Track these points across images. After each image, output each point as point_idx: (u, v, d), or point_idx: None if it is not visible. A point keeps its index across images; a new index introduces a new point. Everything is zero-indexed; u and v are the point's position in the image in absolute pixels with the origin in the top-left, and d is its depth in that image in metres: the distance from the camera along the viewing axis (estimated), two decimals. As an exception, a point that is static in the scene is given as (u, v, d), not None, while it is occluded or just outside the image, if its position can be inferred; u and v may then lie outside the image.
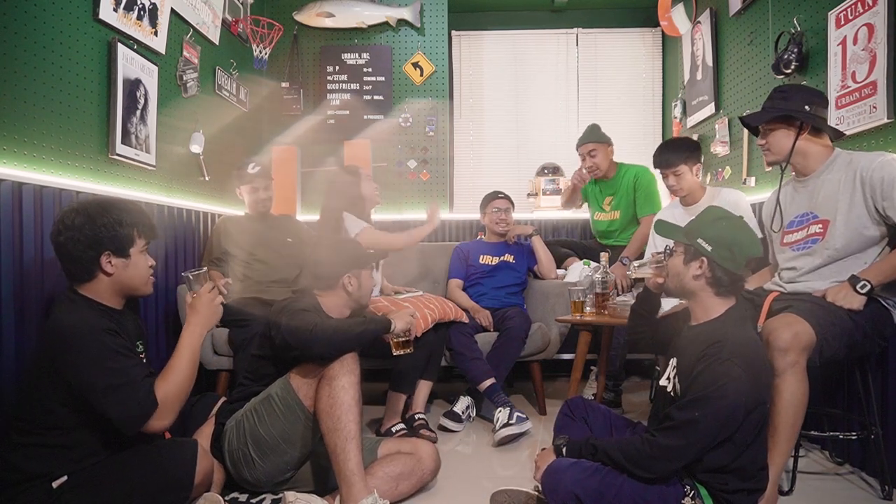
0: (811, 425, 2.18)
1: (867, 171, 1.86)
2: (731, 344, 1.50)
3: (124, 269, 1.59)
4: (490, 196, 3.26)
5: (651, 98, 4.40)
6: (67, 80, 2.11)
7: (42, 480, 1.47)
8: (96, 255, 1.55)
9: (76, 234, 1.53)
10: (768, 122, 2.02)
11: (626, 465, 1.51)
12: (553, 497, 1.57)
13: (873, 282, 1.80)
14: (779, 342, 1.71)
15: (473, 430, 2.70)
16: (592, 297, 2.70)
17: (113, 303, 1.61)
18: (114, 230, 1.56)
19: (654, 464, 1.49)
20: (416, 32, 4.05)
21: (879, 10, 2.08)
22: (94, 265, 1.55)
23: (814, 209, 2.00)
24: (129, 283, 1.61)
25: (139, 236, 1.62)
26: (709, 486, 1.52)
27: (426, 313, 2.56)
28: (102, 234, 1.54)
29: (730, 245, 1.57)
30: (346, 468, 1.68)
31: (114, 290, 1.60)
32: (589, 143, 3.30)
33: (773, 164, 2.08)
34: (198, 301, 1.69)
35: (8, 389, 1.79)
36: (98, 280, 1.57)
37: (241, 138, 3.59)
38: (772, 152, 2.04)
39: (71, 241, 1.53)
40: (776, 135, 2.01)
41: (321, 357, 1.78)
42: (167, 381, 1.53)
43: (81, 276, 1.57)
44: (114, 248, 1.56)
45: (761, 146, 2.08)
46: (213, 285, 1.74)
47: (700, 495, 1.51)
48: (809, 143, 1.99)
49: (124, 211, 1.60)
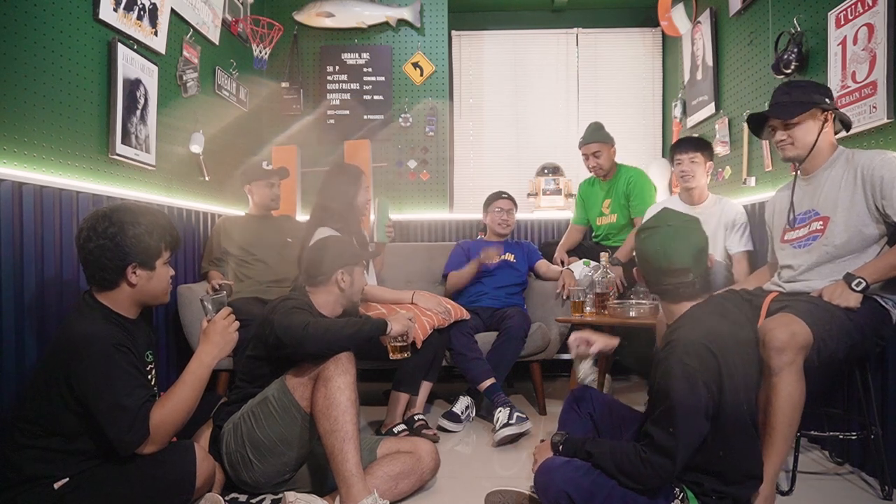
0: (811, 425, 2.18)
1: (868, 169, 1.85)
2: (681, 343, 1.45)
3: (148, 281, 1.59)
4: (493, 196, 3.26)
5: (651, 98, 4.40)
6: (67, 80, 2.11)
7: (44, 481, 1.47)
8: (123, 265, 1.54)
9: (107, 243, 1.52)
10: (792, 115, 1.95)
11: (620, 477, 1.50)
12: (545, 496, 1.57)
13: (868, 279, 1.79)
14: (775, 342, 1.71)
15: (473, 430, 2.70)
16: (592, 297, 2.70)
17: (129, 312, 1.61)
18: (143, 242, 1.55)
19: (647, 481, 1.48)
20: (416, 32, 4.05)
21: (879, 10, 2.07)
22: (119, 275, 1.55)
23: (815, 206, 2.00)
24: (151, 294, 1.62)
25: (166, 248, 1.62)
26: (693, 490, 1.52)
27: (424, 321, 2.55)
28: (132, 245, 1.54)
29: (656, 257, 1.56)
30: (345, 469, 1.68)
31: (133, 300, 1.60)
32: (593, 144, 3.28)
33: (792, 159, 2.02)
34: (211, 329, 1.66)
35: (8, 390, 1.79)
36: (120, 290, 1.57)
37: (241, 138, 3.59)
38: (795, 146, 1.98)
39: (99, 248, 1.52)
40: (802, 128, 1.95)
41: (313, 356, 1.77)
42: (164, 408, 1.53)
43: (104, 284, 1.57)
44: (140, 261, 1.56)
45: (782, 141, 2.00)
46: (229, 311, 1.71)
47: (688, 498, 1.51)
48: (825, 138, 1.96)
49: (154, 223, 1.59)
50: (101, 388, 1.44)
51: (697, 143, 2.77)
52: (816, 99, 1.92)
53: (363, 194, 2.74)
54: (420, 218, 3.98)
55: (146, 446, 1.49)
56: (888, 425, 1.96)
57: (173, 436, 1.56)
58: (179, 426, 1.56)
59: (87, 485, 1.48)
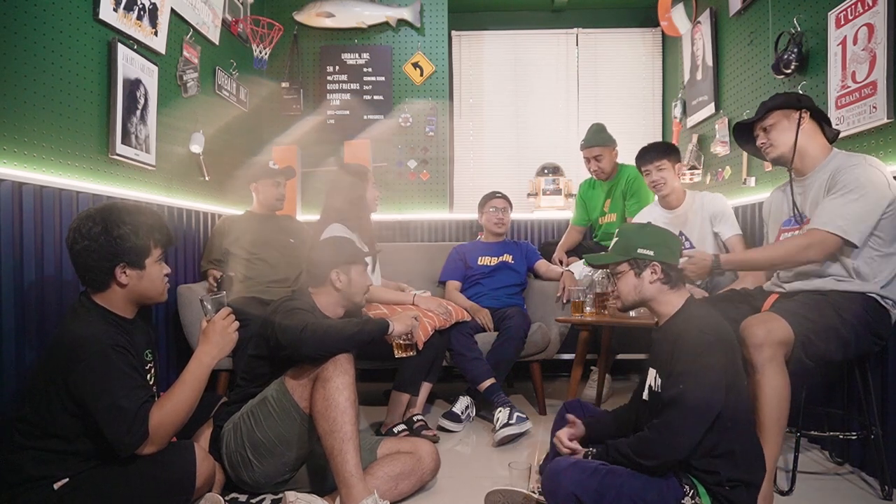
0: (811, 425, 2.18)
1: (836, 174, 1.88)
2: (697, 319, 1.57)
3: (139, 280, 1.57)
4: (488, 196, 3.27)
5: (651, 98, 4.40)
6: (67, 80, 2.11)
7: (43, 482, 1.47)
8: (111, 266, 1.53)
9: (92, 245, 1.51)
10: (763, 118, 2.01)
11: (634, 457, 1.52)
12: (552, 498, 1.56)
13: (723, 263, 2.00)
14: (753, 339, 1.74)
15: (473, 430, 2.70)
16: (592, 297, 2.70)
17: (126, 312, 1.60)
18: (130, 241, 1.53)
19: (657, 448, 1.50)
20: (416, 32, 4.05)
21: (879, 10, 2.08)
22: (109, 276, 1.54)
23: (804, 210, 2.01)
24: (144, 294, 1.60)
25: (155, 246, 1.60)
26: (705, 482, 1.52)
27: (426, 323, 2.55)
28: (118, 245, 1.52)
29: (665, 243, 1.66)
30: (345, 470, 1.67)
31: (127, 299, 1.59)
32: (595, 148, 3.27)
33: (777, 160, 2.05)
34: (210, 329, 1.66)
35: (8, 390, 1.79)
36: (112, 290, 1.56)
37: (241, 138, 3.59)
38: (775, 147, 2.01)
39: (86, 250, 1.51)
40: (777, 128, 2.00)
41: (311, 358, 1.76)
42: (163, 409, 1.52)
43: (95, 285, 1.56)
44: (129, 260, 1.54)
45: (762, 146, 2.05)
46: (229, 311, 1.70)
47: (699, 493, 1.51)
48: (809, 139, 1.98)
49: (141, 220, 1.57)
50: (99, 389, 1.43)
51: (660, 148, 2.72)
52: (789, 100, 1.98)
53: (371, 191, 2.77)
54: (420, 218, 3.98)
55: (146, 447, 1.48)
56: (888, 425, 1.96)
57: (173, 436, 1.56)
58: (179, 426, 1.56)
59: (87, 485, 1.48)
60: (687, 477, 1.54)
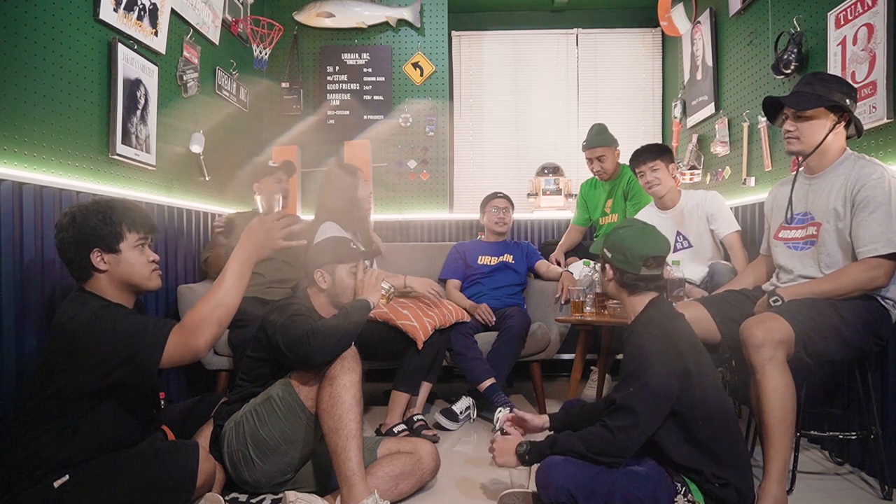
0: (811, 425, 2.18)
1: (858, 185, 1.83)
2: (647, 320, 1.65)
3: (117, 264, 1.59)
4: (489, 196, 3.27)
5: (651, 98, 4.40)
6: (67, 80, 2.11)
7: (43, 480, 1.47)
8: (86, 253, 1.57)
9: (65, 236, 1.57)
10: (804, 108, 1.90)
11: (590, 454, 1.56)
12: (545, 492, 1.57)
13: (785, 298, 1.87)
14: (752, 339, 1.73)
15: (473, 430, 2.70)
16: (592, 297, 2.70)
17: (121, 300, 1.62)
18: (99, 229, 1.57)
19: (612, 446, 1.54)
20: (416, 32, 4.06)
21: (879, 10, 2.08)
22: (87, 263, 1.57)
23: (812, 210, 1.99)
24: (128, 279, 1.61)
25: (130, 231, 1.61)
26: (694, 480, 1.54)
27: (426, 322, 2.55)
28: (88, 233, 1.56)
29: (621, 250, 1.70)
30: (347, 468, 1.68)
31: (115, 285, 1.61)
32: (598, 148, 3.26)
33: (795, 153, 1.98)
34: (255, 225, 1.65)
35: (8, 390, 1.79)
36: (96, 277, 1.59)
37: (241, 138, 3.59)
38: (800, 141, 1.93)
39: (62, 242, 1.58)
40: (812, 124, 1.90)
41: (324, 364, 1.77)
42: (203, 300, 1.54)
43: (80, 275, 1.60)
44: (102, 246, 1.58)
45: (788, 132, 1.95)
46: (282, 215, 1.68)
47: (691, 491, 1.52)
48: (836, 139, 1.93)
49: (112, 209, 1.61)
50: (113, 337, 1.45)
51: (653, 149, 2.72)
52: (836, 98, 1.87)
53: (363, 187, 2.76)
54: (420, 218, 3.98)
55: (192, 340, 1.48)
56: (888, 425, 1.96)
57: (222, 330, 1.55)
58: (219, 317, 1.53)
59: (87, 484, 1.48)
60: (678, 475, 1.54)
